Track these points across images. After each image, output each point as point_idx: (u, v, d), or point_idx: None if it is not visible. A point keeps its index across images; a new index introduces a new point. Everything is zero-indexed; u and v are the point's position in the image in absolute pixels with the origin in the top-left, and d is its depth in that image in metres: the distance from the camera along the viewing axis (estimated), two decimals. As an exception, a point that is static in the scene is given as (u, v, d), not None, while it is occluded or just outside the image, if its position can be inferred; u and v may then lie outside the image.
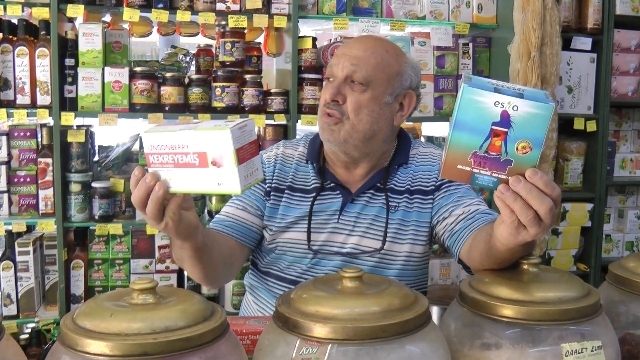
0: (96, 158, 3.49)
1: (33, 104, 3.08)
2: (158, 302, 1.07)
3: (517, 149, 1.10)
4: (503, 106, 1.08)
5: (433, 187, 1.87)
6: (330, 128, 1.79)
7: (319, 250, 1.85)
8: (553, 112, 1.08)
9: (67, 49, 3.10)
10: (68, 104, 3.09)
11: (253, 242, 1.90)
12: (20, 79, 3.05)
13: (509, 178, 1.13)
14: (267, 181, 1.92)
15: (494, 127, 1.10)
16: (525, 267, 1.31)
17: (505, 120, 1.09)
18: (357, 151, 1.83)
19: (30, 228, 3.26)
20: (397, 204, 1.86)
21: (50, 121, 3.11)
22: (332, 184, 1.89)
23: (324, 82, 1.91)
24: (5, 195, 3.15)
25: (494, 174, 1.13)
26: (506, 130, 1.09)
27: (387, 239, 1.83)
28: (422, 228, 1.86)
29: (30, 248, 3.10)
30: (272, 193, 1.90)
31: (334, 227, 1.86)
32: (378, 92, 1.79)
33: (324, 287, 1.17)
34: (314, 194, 1.87)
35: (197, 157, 1.21)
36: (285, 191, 1.90)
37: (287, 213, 1.88)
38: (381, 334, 1.04)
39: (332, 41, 3.42)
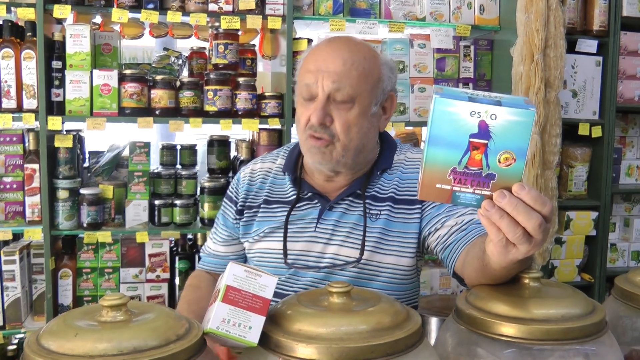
0: (86, 164, 3.43)
1: (19, 108, 3.01)
2: (129, 319, 1.02)
3: (499, 162, 1.02)
4: (480, 116, 0.99)
5: None
6: (321, 151, 1.70)
7: (296, 260, 1.78)
8: (534, 120, 0.99)
9: (55, 51, 3.02)
10: (55, 108, 3.02)
11: None
12: (6, 82, 2.97)
13: (493, 194, 1.04)
14: (239, 204, 1.90)
15: (472, 140, 1.01)
16: (526, 281, 1.24)
17: (483, 131, 1.00)
18: (346, 167, 1.76)
19: (16, 236, 3.19)
20: (378, 212, 1.76)
21: (36, 126, 3.03)
22: (309, 194, 1.82)
23: (296, 98, 1.81)
24: (-9, 202, 3.09)
25: (476, 191, 1.04)
26: (486, 141, 1.01)
27: (367, 248, 1.74)
28: (408, 239, 1.76)
29: (17, 257, 3.04)
30: (245, 212, 1.88)
31: (311, 235, 1.78)
32: (364, 105, 1.70)
33: (309, 303, 1.11)
34: (290, 205, 1.81)
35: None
36: (261, 205, 1.86)
37: (263, 225, 1.83)
38: (369, 355, 0.98)
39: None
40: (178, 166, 3.38)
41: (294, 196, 1.82)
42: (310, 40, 3.26)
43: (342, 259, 1.76)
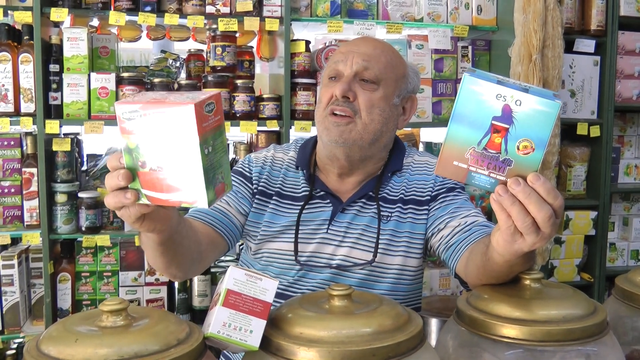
0: (85, 167, 3.42)
1: (17, 112, 3.00)
2: (129, 324, 1.01)
3: (517, 149, 1.03)
4: (505, 100, 1.01)
5: (428, 198, 1.77)
6: (340, 128, 1.69)
7: (307, 262, 1.76)
8: (558, 113, 0.99)
9: (52, 54, 3.02)
10: (53, 111, 3.01)
11: (231, 235, 1.76)
12: (3, 85, 2.96)
13: (508, 180, 1.05)
14: (253, 182, 1.83)
15: (494, 122, 1.02)
16: (527, 282, 1.23)
17: (506, 115, 1.01)
18: (361, 153, 1.74)
19: (15, 240, 3.19)
20: (390, 214, 1.76)
21: (34, 129, 3.03)
22: (322, 192, 1.80)
23: (320, 84, 1.83)
24: (-11, 207, 3.08)
25: (491, 174, 1.05)
26: (507, 126, 1.02)
27: (379, 250, 1.73)
28: (415, 240, 1.76)
29: (15, 261, 3.03)
30: (257, 196, 1.81)
31: (323, 237, 1.76)
32: (388, 91, 1.74)
33: (310, 305, 1.10)
34: (302, 202, 1.78)
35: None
36: (274, 197, 1.81)
37: (274, 221, 1.78)
38: (371, 358, 0.98)
39: (326, 45, 3.34)
40: (176, 169, 3.36)
41: (306, 192, 1.80)
42: (308, 42, 3.25)
43: (353, 260, 1.75)
